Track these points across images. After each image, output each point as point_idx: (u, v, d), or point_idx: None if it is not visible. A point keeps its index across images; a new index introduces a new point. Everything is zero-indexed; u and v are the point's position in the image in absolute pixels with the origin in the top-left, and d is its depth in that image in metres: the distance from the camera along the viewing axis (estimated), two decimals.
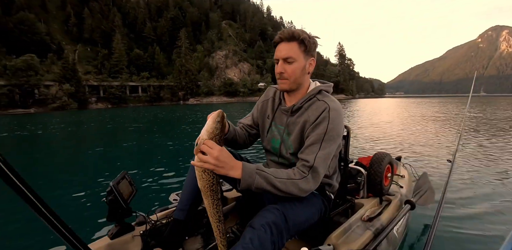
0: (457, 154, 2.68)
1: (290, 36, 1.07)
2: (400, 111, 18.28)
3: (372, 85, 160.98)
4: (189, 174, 1.27)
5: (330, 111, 1.06)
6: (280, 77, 1.12)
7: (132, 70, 61.86)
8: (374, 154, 1.77)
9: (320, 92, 1.15)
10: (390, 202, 1.67)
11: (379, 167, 1.63)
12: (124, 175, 1.25)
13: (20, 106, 40.29)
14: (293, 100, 1.18)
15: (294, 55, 1.07)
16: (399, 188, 1.95)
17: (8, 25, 49.34)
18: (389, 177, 1.74)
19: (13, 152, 7.01)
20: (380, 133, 7.67)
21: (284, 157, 1.18)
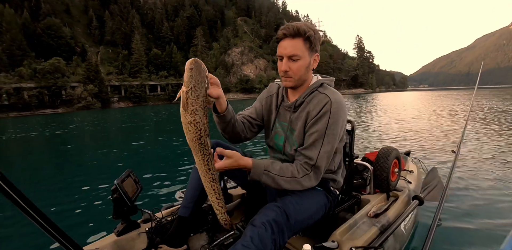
0: (462, 145, 2.57)
1: (295, 32, 1.02)
2: (417, 105, 17.45)
3: (393, 78, 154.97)
4: (193, 172, 1.28)
5: (332, 104, 1.05)
6: (285, 75, 1.09)
7: (151, 69, 63.63)
8: (380, 149, 1.72)
9: (321, 85, 1.15)
10: (397, 198, 1.62)
11: (386, 162, 1.59)
12: (129, 173, 1.27)
13: (49, 106, 42.89)
14: (296, 95, 1.18)
15: (299, 53, 1.03)
16: (407, 183, 1.90)
17: (37, 31, 52.42)
18: (396, 173, 1.69)
19: (42, 150, 7.50)
20: (391, 128, 7.42)
21: (288, 154, 1.18)
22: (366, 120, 9.57)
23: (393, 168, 1.64)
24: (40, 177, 4.33)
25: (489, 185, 2.79)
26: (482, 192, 2.62)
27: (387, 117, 10.43)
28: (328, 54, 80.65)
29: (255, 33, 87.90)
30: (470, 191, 2.67)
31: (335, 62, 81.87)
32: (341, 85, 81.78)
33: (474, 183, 2.87)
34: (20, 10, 53.81)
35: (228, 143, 1.25)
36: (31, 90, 41.12)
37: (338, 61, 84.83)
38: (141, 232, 1.24)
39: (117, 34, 69.07)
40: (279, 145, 1.20)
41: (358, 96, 41.52)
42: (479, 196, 2.52)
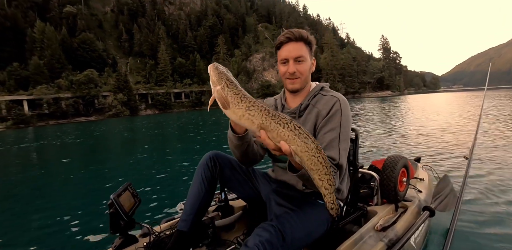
0: (475, 151, 2.42)
1: (299, 36, 1.08)
2: (443, 108, 16.27)
3: (423, 79, 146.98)
4: (193, 182, 1.24)
5: (341, 103, 1.10)
6: (292, 76, 1.12)
7: (176, 78, 66.13)
8: (387, 157, 1.62)
9: (322, 89, 1.19)
10: (406, 209, 1.53)
11: (393, 171, 1.50)
12: (127, 186, 1.25)
13: (83, 114, 46.03)
14: (297, 100, 1.20)
15: (304, 54, 1.09)
16: (417, 192, 1.79)
17: (73, 45, 56.96)
18: (404, 182, 1.60)
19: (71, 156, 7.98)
20: (405, 133, 7.05)
21: None
22: (379, 125, 9.11)
23: (401, 178, 1.55)
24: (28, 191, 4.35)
25: (505, 192, 2.56)
26: (498, 200, 2.40)
27: (403, 122, 9.85)
28: (351, 56, 78.60)
29: (276, 39, 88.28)
30: (485, 200, 2.44)
31: (359, 64, 79.38)
32: (366, 88, 79.00)
33: (490, 190, 2.63)
34: (59, 27, 58.84)
35: (225, 153, 1.27)
36: (68, 99, 44.55)
37: (363, 64, 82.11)
38: (139, 247, 1.21)
39: (144, 45, 72.93)
40: None
41: (384, 99, 39.62)
42: (495, 205, 2.34)
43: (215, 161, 1.23)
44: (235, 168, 1.29)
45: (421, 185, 1.94)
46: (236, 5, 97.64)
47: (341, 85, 71.28)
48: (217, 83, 0.80)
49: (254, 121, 0.77)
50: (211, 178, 1.22)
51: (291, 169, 0.90)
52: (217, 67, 0.83)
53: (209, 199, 1.24)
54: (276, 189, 1.22)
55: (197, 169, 1.24)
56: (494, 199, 2.47)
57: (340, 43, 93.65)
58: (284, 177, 1.25)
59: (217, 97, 0.80)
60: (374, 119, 11.59)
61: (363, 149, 5.33)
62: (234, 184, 1.30)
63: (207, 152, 1.28)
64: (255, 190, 1.32)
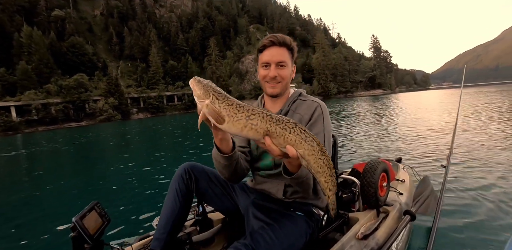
0: (452, 157, 2.42)
1: (283, 42, 1.07)
2: (433, 106, 16.45)
3: (414, 77, 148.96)
4: (167, 196, 1.17)
5: (322, 108, 1.12)
6: (273, 81, 1.11)
7: (168, 80, 65.65)
8: (367, 162, 1.60)
9: (301, 94, 1.20)
10: (388, 214, 1.52)
11: (372, 177, 1.48)
12: (93, 206, 1.16)
13: (74, 120, 45.26)
14: (277, 106, 1.20)
15: (286, 60, 1.09)
16: (398, 195, 1.78)
17: (62, 49, 56.08)
18: (385, 187, 1.58)
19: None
20: (390, 134, 6.99)
21: (279, 166, 1.13)
22: (368, 125, 9.11)
23: (381, 183, 1.52)
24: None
25: (484, 194, 2.63)
26: (476, 202, 2.48)
27: (392, 122, 9.87)
28: (343, 56, 79.23)
29: None
30: (464, 201, 2.51)
31: (350, 64, 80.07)
32: (358, 87, 79.70)
33: (468, 192, 2.70)
34: (47, 31, 57.90)
35: (201, 164, 1.24)
36: (58, 105, 43.72)
37: (354, 63, 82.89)
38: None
39: (135, 48, 72.28)
40: (269, 161, 1.18)
41: (376, 98, 39.91)
42: (474, 206, 2.41)
43: (190, 174, 1.18)
44: (211, 180, 1.23)
45: (402, 187, 1.94)
46: (227, 7, 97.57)
47: (333, 84, 71.71)
48: (204, 97, 0.74)
49: (259, 130, 0.73)
50: (186, 192, 1.17)
51: (286, 172, 0.89)
52: (199, 80, 0.77)
53: (184, 214, 1.18)
54: (254, 201, 1.19)
55: (172, 182, 1.19)
56: (473, 201, 2.51)
57: (331, 43, 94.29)
58: (264, 185, 1.22)
59: (207, 112, 0.73)
60: (363, 119, 11.60)
61: (347, 151, 5.31)
62: (211, 197, 1.25)
63: (184, 163, 1.23)
64: (233, 202, 1.27)
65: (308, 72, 77.09)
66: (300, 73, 76.46)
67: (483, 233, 1.96)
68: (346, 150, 5.42)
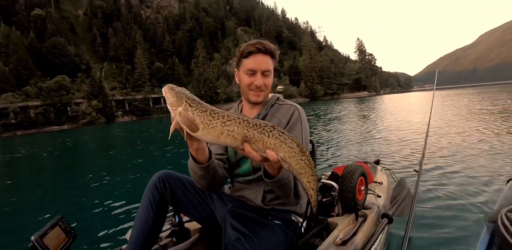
0: (424, 161, 2.47)
1: (269, 50, 1.07)
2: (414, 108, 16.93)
3: (397, 79, 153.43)
4: (140, 207, 1.12)
5: (300, 111, 1.13)
6: (259, 89, 1.11)
7: (154, 82, 64.49)
8: (345, 167, 1.63)
9: (278, 99, 1.22)
10: (366, 218, 1.54)
11: (351, 182, 1.51)
12: (57, 221, 1.08)
13: (55, 123, 43.62)
14: (254, 111, 1.20)
15: (271, 68, 1.10)
16: (376, 198, 1.83)
17: (43, 50, 54.04)
18: (363, 191, 1.61)
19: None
20: (371, 136, 7.12)
21: (258, 171, 1.13)
22: (351, 128, 9.24)
23: (359, 187, 1.56)
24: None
25: (454, 194, 2.75)
26: (448, 202, 2.58)
27: (375, 124, 10.06)
28: (329, 58, 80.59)
29: None
30: (436, 202, 2.60)
31: (336, 66, 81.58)
32: (344, 89, 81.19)
33: (440, 193, 2.80)
34: (27, 31, 55.67)
35: (176, 172, 1.21)
36: (37, 108, 42.02)
37: (340, 65, 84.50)
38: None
39: (120, 49, 70.68)
40: (248, 167, 1.17)
41: (362, 99, 40.69)
42: (445, 206, 2.51)
43: (165, 182, 1.14)
44: (187, 188, 1.20)
45: (380, 190, 1.98)
46: (215, 9, 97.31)
47: (320, 86, 72.78)
48: (176, 104, 0.72)
49: (236, 136, 0.70)
50: (160, 201, 1.12)
51: (266, 176, 0.89)
52: (172, 87, 0.75)
53: (159, 225, 1.14)
54: (232, 209, 1.16)
55: (145, 192, 1.14)
56: (446, 203, 2.59)
57: (318, 46, 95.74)
58: (243, 192, 1.21)
59: (181, 120, 0.71)
60: (347, 121, 11.75)
61: (328, 153, 5.36)
62: (187, 207, 1.20)
63: (159, 171, 1.19)
64: (210, 211, 1.23)
65: (296, 74, 77.88)
66: (287, 76, 77.12)
67: (456, 233, 2.04)
68: (327, 153, 5.47)
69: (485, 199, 2.57)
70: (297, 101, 66.30)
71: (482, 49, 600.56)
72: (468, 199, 2.61)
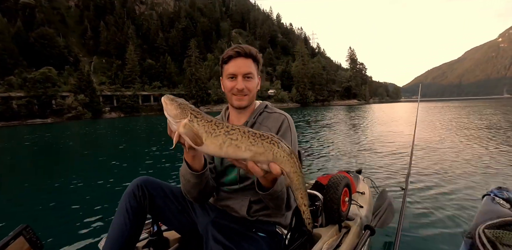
0: (410, 179, 2.47)
1: (248, 53, 1.06)
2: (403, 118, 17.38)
3: (386, 89, 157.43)
4: (116, 215, 1.06)
5: (289, 120, 1.11)
6: (241, 93, 1.08)
7: (145, 80, 63.50)
8: (330, 178, 1.62)
9: (266, 107, 1.20)
10: (349, 229, 1.54)
11: (336, 193, 1.50)
12: (21, 230, 0.98)
13: (38, 116, 42.12)
14: (242, 118, 1.17)
15: (253, 71, 1.07)
16: (359, 208, 1.84)
17: (30, 40, 52.27)
18: (346, 202, 1.61)
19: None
20: (357, 145, 7.16)
21: (245, 180, 1.11)
22: (333, 136, 9.36)
23: (343, 198, 1.56)
24: None
25: (435, 210, 2.78)
26: (429, 217, 2.62)
27: (363, 133, 10.21)
28: (321, 65, 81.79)
29: (249, 45, 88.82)
30: (417, 217, 2.62)
31: (328, 73, 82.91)
32: (335, 96, 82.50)
33: (421, 209, 2.84)
34: (14, 19, 53.80)
35: (156, 179, 1.16)
36: (20, 99, 40.50)
37: (332, 73, 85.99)
38: None
39: (111, 44, 69.30)
40: (234, 176, 1.13)
41: (351, 107, 41.31)
42: (426, 221, 2.54)
43: (143, 190, 1.08)
44: (168, 196, 1.14)
45: (362, 200, 2.00)
46: (210, 9, 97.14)
47: (311, 92, 73.68)
48: (181, 116, 0.69)
49: (240, 145, 0.67)
50: (138, 210, 1.06)
51: (260, 188, 0.86)
52: (173, 98, 0.73)
53: (135, 235, 1.08)
54: (214, 220, 1.10)
55: (122, 199, 1.07)
56: (426, 220, 2.61)
57: (311, 53, 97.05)
58: (228, 201, 1.17)
59: (185, 132, 0.68)
60: (335, 129, 11.86)
61: (313, 162, 5.35)
62: (167, 216, 1.15)
63: (138, 177, 1.14)
64: (191, 221, 1.18)
65: (288, 79, 78.55)
66: (280, 80, 77.67)
67: (435, 248, 2.10)
68: (312, 161, 5.46)
69: (464, 214, 2.62)
70: (288, 106, 66.66)
71: (468, 65, 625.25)
72: (448, 214, 2.66)
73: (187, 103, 0.73)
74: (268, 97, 70.17)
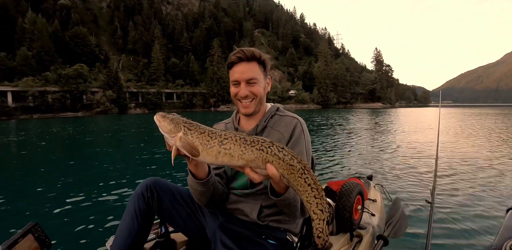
0: (436, 192, 2.29)
1: (251, 56, 1.01)
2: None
3: (414, 93, 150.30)
4: (124, 216, 1.05)
5: (302, 124, 1.07)
6: (245, 99, 1.05)
7: (168, 78, 65.49)
8: (342, 184, 1.58)
9: (278, 109, 1.15)
10: (361, 239, 1.50)
11: (348, 201, 1.47)
12: (30, 228, 0.97)
13: (70, 110, 44.80)
14: (252, 122, 1.13)
15: (257, 76, 1.03)
16: (370, 216, 1.78)
17: (65, 38, 55.78)
18: (359, 210, 1.57)
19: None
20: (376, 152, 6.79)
21: (256, 185, 1.08)
22: (350, 141, 8.98)
23: (356, 206, 1.52)
24: None
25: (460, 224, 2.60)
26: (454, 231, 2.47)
27: (381, 139, 9.72)
28: (345, 66, 79.79)
29: (271, 45, 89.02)
30: (445, 231, 2.43)
31: (352, 75, 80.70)
32: (358, 98, 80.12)
33: (448, 222, 2.64)
34: (52, 19, 57.62)
35: (166, 180, 1.15)
36: (55, 93, 43.33)
37: (355, 74, 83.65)
38: None
39: (138, 43, 72.18)
40: (245, 181, 1.10)
41: (375, 111, 38.98)
42: (452, 236, 2.38)
43: (152, 191, 1.07)
44: (176, 199, 1.12)
45: (374, 208, 1.94)
46: (234, 9, 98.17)
47: (333, 94, 72.07)
48: (175, 130, 0.72)
49: (233, 154, 0.70)
50: (146, 211, 1.05)
51: (273, 194, 0.86)
52: (164, 115, 0.76)
53: (143, 236, 1.07)
54: (223, 224, 1.08)
55: (130, 200, 1.07)
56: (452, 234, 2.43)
57: (334, 53, 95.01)
58: (239, 205, 1.14)
59: (181, 146, 0.72)
60: (353, 133, 11.45)
61: (324, 166, 5.18)
62: (175, 219, 1.13)
63: (147, 178, 1.13)
64: (200, 225, 1.16)
65: (309, 80, 77.48)
66: (301, 81, 76.80)
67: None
68: (324, 165, 5.30)
69: (488, 228, 2.48)
70: (308, 107, 65.50)
71: (507, 69, 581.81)
72: (472, 227, 2.52)
73: (179, 117, 0.75)
74: (289, 98, 69.59)
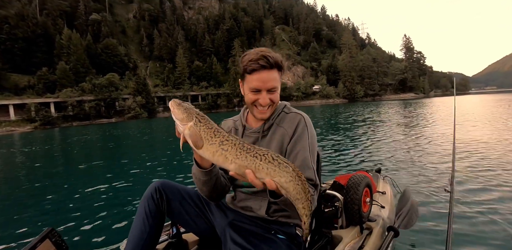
0: (455, 180, 2.16)
1: (272, 64, 0.99)
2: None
3: (451, 80, 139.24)
4: (136, 217, 1.07)
5: (306, 120, 1.09)
6: (263, 107, 1.05)
7: (193, 80, 67.39)
8: (349, 177, 1.59)
9: (285, 107, 1.17)
10: (371, 231, 1.52)
11: (356, 193, 1.48)
12: (47, 233, 1.01)
13: (105, 116, 48.03)
14: (260, 120, 1.15)
15: (278, 84, 1.03)
16: (380, 209, 1.79)
17: (97, 50, 59.79)
18: (368, 203, 1.57)
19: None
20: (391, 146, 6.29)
21: None
22: (372, 134, 8.36)
23: (364, 198, 1.52)
24: None
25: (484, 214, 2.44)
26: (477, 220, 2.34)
27: (404, 132, 8.95)
28: (371, 57, 76.04)
29: (293, 41, 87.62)
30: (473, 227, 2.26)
31: (379, 65, 76.55)
32: (387, 90, 75.97)
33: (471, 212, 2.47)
34: (85, 33, 62.03)
35: (174, 182, 1.18)
36: (90, 102, 46.76)
37: (383, 64, 79.18)
38: None
39: (163, 49, 75.11)
40: None
41: (405, 102, 36.33)
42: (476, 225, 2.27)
43: (161, 192, 1.10)
44: (185, 199, 1.15)
45: (383, 200, 1.94)
46: (253, 8, 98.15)
47: (360, 87, 69.05)
48: (187, 119, 0.75)
49: (228, 156, 0.73)
50: (157, 213, 1.08)
51: (272, 195, 0.87)
52: (180, 103, 0.78)
53: (155, 237, 1.09)
54: (232, 222, 1.11)
55: (141, 202, 1.10)
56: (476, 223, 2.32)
57: (360, 44, 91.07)
58: (247, 202, 1.17)
59: (189, 134, 0.74)
60: (377, 127, 10.75)
61: (334, 160, 4.97)
62: (184, 218, 1.15)
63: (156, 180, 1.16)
64: (209, 224, 1.17)
65: (334, 74, 75.05)
66: (325, 75, 74.65)
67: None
68: (333, 159, 5.12)
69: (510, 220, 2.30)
70: (334, 102, 63.67)
71: None
72: (493, 218, 2.35)
73: (193, 107, 0.78)
74: (313, 93, 67.99)
